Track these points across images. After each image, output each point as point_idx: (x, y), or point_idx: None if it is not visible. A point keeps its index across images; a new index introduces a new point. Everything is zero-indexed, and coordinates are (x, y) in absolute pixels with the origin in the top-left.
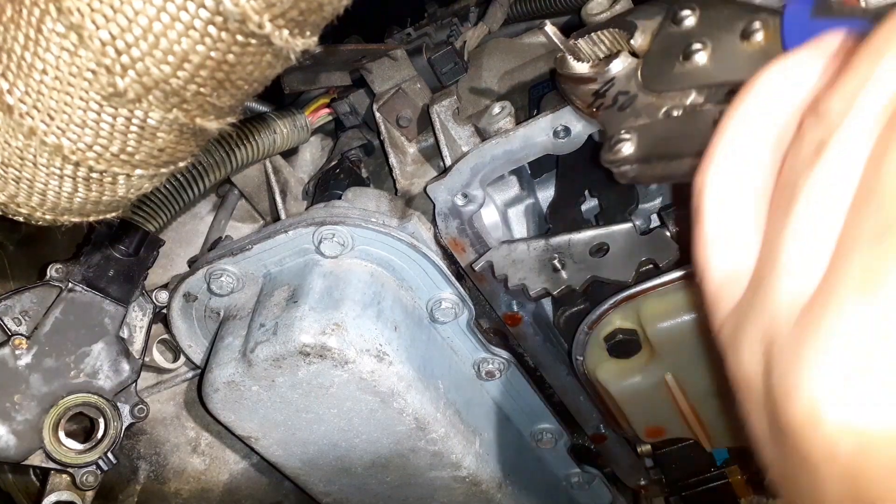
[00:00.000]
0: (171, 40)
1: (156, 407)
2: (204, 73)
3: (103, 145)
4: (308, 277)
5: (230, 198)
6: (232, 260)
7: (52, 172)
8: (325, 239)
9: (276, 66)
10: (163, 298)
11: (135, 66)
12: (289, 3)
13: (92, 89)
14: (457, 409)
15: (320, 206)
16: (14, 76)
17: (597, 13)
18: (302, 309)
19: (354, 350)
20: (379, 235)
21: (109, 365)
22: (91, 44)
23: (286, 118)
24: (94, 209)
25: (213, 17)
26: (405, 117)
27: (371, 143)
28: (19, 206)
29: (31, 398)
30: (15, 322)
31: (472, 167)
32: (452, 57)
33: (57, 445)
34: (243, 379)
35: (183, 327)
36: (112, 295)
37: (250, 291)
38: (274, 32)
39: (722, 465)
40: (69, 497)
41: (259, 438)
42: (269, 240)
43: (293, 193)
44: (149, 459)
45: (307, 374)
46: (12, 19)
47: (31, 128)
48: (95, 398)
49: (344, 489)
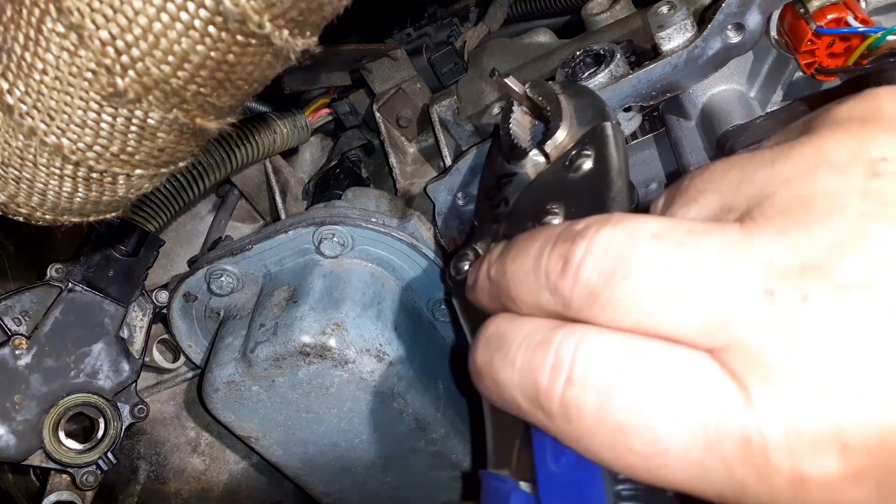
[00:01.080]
0: (171, 40)
1: (156, 407)
2: (204, 73)
3: (103, 145)
4: (308, 277)
5: (230, 198)
6: (232, 260)
7: (52, 172)
8: (325, 239)
9: (276, 66)
10: (163, 298)
11: (135, 66)
12: (289, 3)
13: (92, 89)
14: (457, 410)
15: (320, 206)
16: (14, 76)
17: (597, 13)
18: (302, 309)
19: (354, 350)
20: (379, 235)
21: (109, 365)
22: (91, 44)
23: (286, 118)
24: (94, 209)
25: (213, 17)
26: (405, 117)
27: (371, 143)
28: (19, 206)
29: (31, 398)
30: (15, 322)
31: (471, 167)
32: (452, 57)
33: (57, 445)
34: (243, 379)
35: (183, 327)
36: (112, 295)
37: (250, 291)
38: (274, 32)
39: None
40: (69, 497)
41: (259, 438)
42: (269, 240)
43: (293, 193)
44: (149, 459)
45: (307, 374)
46: (12, 19)
47: (31, 128)
48: (95, 398)
49: (344, 489)
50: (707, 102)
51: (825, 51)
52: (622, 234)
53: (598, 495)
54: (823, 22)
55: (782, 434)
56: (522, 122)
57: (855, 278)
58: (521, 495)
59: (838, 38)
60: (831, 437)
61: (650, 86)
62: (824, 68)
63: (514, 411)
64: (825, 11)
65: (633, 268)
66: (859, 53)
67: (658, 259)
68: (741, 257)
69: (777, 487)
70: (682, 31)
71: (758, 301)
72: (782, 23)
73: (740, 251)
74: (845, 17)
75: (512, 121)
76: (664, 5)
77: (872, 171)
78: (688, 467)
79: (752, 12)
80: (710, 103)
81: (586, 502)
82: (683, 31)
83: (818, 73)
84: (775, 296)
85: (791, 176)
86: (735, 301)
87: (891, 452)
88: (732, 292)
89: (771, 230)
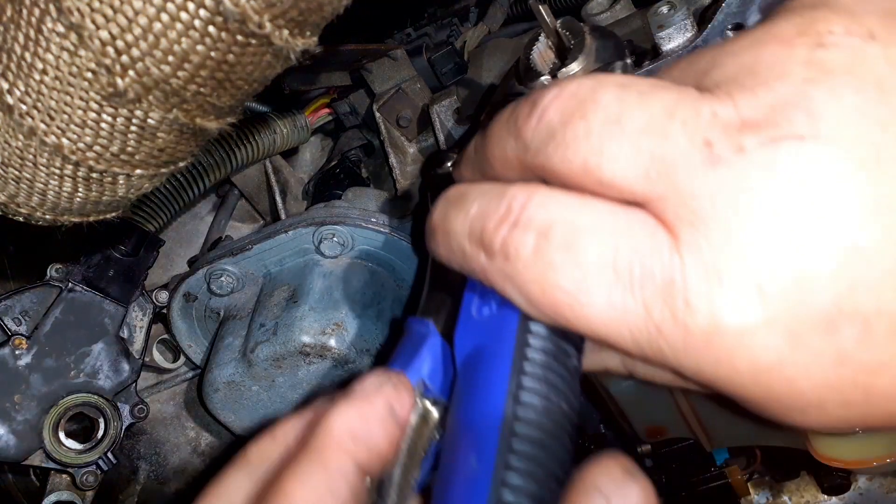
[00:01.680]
0: (171, 40)
1: (156, 407)
2: (204, 73)
3: (103, 145)
4: (308, 277)
5: (230, 198)
6: (232, 260)
7: (52, 172)
8: (326, 239)
9: (276, 66)
10: (163, 298)
11: (135, 66)
12: (289, 3)
13: (92, 89)
14: None
15: (320, 206)
16: (14, 76)
17: (596, 13)
18: (302, 309)
19: (354, 350)
20: (379, 235)
21: (109, 365)
22: (91, 44)
23: (286, 118)
24: (94, 209)
25: (213, 17)
26: (405, 117)
27: (371, 143)
28: (19, 206)
29: (31, 398)
30: (15, 322)
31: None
32: (452, 57)
33: (57, 445)
34: (243, 379)
35: (183, 327)
36: (112, 295)
37: (250, 291)
38: (274, 32)
39: (722, 465)
40: (69, 497)
41: None
42: (269, 240)
43: (293, 193)
44: (149, 459)
45: (307, 374)
46: (12, 19)
47: (31, 128)
48: (95, 398)
49: None
50: None
51: None
52: (590, 82)
53: (508, 339)
54: None
55: (703, 278)
56: (544, 53)
57: (789, 132)
58: (437, 339)
59: None
60: (751, 283)
61: None
62: None
63: (456, 261)
64: None
65: (591, 109)
66: None
67: (616, 103)
68: (688, 111)
69: (692, 332)
70: (682, 31)
71: (697, 151)
72: None
73: (689, 106)
74: None
75: (535, 49)
76: (664, 5)
77: (817, 43)
78: (609, 309)
79: (752, 12)
80: None
81: (496, 344)
82: (683, 31)
83: None
84: (713, 147)
85: (741, 49)
86: (675, 151)
87: (803, 300)
88: (674, 142)
89: (719, 93)
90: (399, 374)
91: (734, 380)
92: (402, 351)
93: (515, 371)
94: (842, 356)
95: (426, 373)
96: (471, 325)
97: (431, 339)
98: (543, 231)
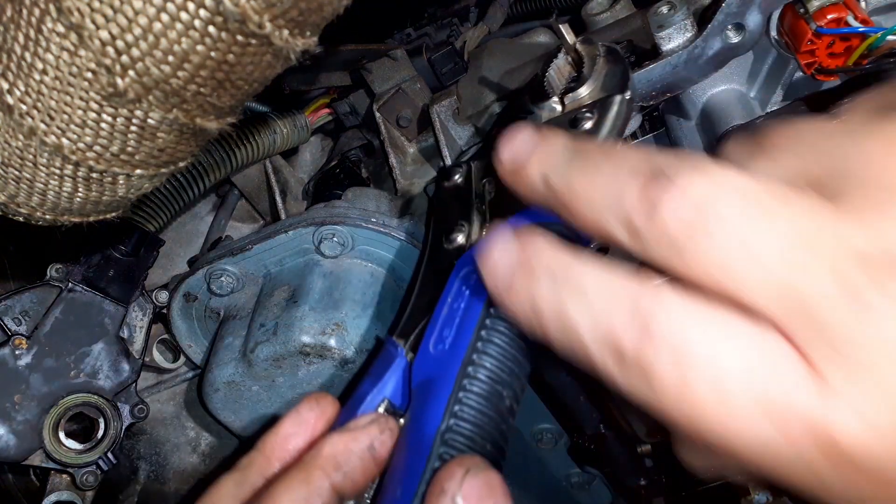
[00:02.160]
0: (171, 40)
1: (156, 407)
2: (204, 73)
3: (103, 145)
4: (308, 277)
5: (230, 198)
6: (232, 260)
7: (52, 172)
8: (326, 239)
9: (276, 66)
10: (163, 298)
11: (135, 66)
12: (289, 3)
13: (92, 89)
14: None
15: (320, 206)
16: (14, 76)
17: (597, 13)
18: (302, 309)
19: (354, 350)
20: (379, 235)
21: (109, 365)
22: (91, 44)
23: (286, 118)
24: (94, 209)
25: (213, 17)
26: (405, 117)
27: (371, 143)
28: (19, 206)
29: (31, 398)
30: (15, 322)
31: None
32: (452, 57)
33: (57, 445)
34: (243, 379)
35: (183, 327)
36: (112, 295)
37: (250, 291)
38: (274, 32)
39: None
40: (69, 497)
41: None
42: (269, 240)
43: (293, 193)
44: (149, 459)
45: (307, 374)
46: (12, 19)
47: (31, 128)
48: (95, 398)
49: None
50: (707, 102)
51: (825, 51)
52: (707, 188)
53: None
54: (823, 22)
55: (862, 429)
56: (562, 69)
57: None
58: (402, 362)
59: (838, 38)
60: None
61: (650, 86)
62: (824, 68)
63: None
64: (825, 11)
65: (716, 225)
66: (859, 53)
67: (742, 220)
68: (826, 237)
69: (849, 474)
70: (682, 31)
71: (838, 289)
72: (782, 23)
73: (825, 231)
74: (845, 17)
75: (553, 65)
76: (664, 5)
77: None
78: (755, 440)
79: (752, 12)
80: (711, 103)
81: (441, 378)
82: (683, 31)
83: (818, 73)
84: (856, 286)
85: (874, 157)
86: (813, 285)
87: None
88: (812, 276)
89: (857, 214)
90: (388, 418)
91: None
92: (373, 369)
93: (453, 399)
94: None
95: (389, 392)
96: (427, 359)
97: (398, 361)
98: (681, 350)
